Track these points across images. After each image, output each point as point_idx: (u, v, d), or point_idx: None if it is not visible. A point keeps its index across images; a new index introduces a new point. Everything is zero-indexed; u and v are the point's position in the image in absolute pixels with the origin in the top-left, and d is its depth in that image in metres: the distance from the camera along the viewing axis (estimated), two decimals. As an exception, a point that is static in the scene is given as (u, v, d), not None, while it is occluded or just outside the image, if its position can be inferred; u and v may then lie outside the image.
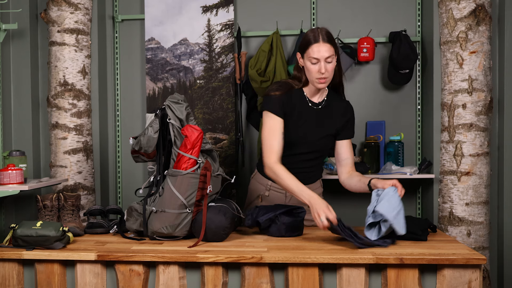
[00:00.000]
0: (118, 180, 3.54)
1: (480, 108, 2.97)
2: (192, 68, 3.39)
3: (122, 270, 1.88)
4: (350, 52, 3.25)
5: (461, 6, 2.95)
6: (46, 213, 2.32)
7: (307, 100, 2.30)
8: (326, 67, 2.15)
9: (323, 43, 2.14)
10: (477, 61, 2.96)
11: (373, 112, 3.41)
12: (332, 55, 2.15)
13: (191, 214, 2.06)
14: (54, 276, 1.91)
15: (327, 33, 2.17)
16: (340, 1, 3.41)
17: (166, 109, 2.15)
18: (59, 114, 3.17)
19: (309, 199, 2.07)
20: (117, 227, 2.24)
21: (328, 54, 2.14)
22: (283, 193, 2.41)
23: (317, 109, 2.31)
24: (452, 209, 3.01)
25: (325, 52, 2.14)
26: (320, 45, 2.14)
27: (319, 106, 2.31)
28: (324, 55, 2.14)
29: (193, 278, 1.88)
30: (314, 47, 2.14)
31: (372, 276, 1.82)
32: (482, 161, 2.99)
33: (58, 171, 3.18)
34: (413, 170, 3.12)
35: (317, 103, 2.31)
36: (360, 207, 3.40)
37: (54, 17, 3.14)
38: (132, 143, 2.18)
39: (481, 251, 3.00)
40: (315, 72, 2.17)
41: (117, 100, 3.52)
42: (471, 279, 1.78)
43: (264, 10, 3.43)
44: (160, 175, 2.16)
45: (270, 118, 2.24)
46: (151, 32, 3.41)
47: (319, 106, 2.31)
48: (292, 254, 1.82)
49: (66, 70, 3.16)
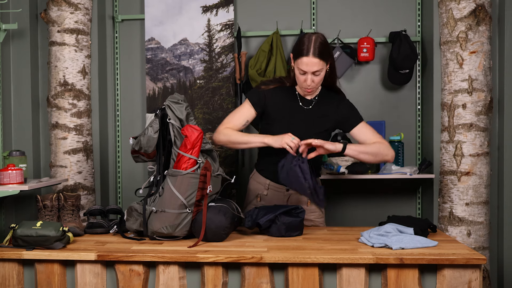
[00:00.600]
0: (118, 180, 3.54)
1: (480, 108, 2.97)
2: (192, 68, 3.39)
3: (122, 270, 1.88)
4: (350, 52, 3.25)
5: (461, 6, 2.95)
6: (46, 213, 2.32)
7: (298, 99, 2.33)
8: (313, 79, 2.20)
9: (313, 57, 2.15)
10: (477, 61, 2.96)
11: (373, 112, 3.40)
12: (320, 69, 2.18)
13: (191, 214, 2.06)
14: (54, 276, 1.91)
15: (320, 45, 2.17)
16: (340, 1, 3.41)
17: (166, 109, 2.15)
18: (59, 114, 3.17)
19: (263, 139, 2.18)
20: (117, 227, 2.24)
21: (317, 68, 2.17)
22: (281, 191, 2.42)
23: (307, 108, 2.33)
24: (452, 209, 3.01)
25: (313, 66, 2.17)
26: (310, 59, 2.16)
27: (309, 106, 2.33)
28: (312, 69, 2.17)
29: (193, 278, 1.88)
30: (304, 59, 2.17)
31: (372, 276, 1.82)
32: (482, 161, 2.99)
33: (58, 171, 3.18)
34: (413, 170, 3.12)
35: (308, 100, 2.34)
36: (360, 207, 3.41)
37: (54, 17, 3.14)
38: (132, 143, 2.18)
39: (481, 251, 3.00)
40: (302, 82, 2.23)
41: (117, 100, 3.52)
42: (471, 279, 1.78)
43: (264, 10, 3.43)
44: (160, 175, 2.16)
45: (244, 104, 2.33)
46: (151, 32, 3.41)
47: (309, 106, 2.33)
48: (292, 254, 1.82)
49: (66, 70, 3.16)
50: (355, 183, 3.37)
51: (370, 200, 3.43)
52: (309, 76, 2.19)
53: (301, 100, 2.33)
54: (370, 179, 3.35)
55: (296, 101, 2.33)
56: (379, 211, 3.37)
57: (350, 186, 3.40)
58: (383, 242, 1.91)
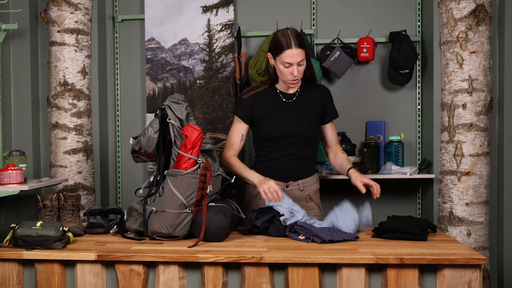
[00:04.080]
0: (118, 180, 3.54)
1: (480, 108, 2.97)
2: (192, 68, 3.39)
3: (122, 270, 1.88)
4: (350, 52, 3.25)
5: (461, 6, 2.95)
6: (46, 213, 2.32)
7: (281, 96, 2.43)
8: (298, 69, 2.31)
9: (295, 48, 2.27)
10: (477, 61, 2.96)
11: (373, 112, 3.40)
12: (303, 58, 2.31)
13: (191, 214, 2.06)
14: (54, 276, 1.91)
15: (297, 36, 2.30)
16: (340, 1, 3.41)
17: (166, 109, 2.15)
18: (59, 114, 3.17)
19: (256, 179, 2.30)
20: (117, 227, 2.24)
21: (301, 58, 2.29)
22: (281, 187, 2.44)
23: (292, 101, 2.43)
24: (452, 209, 3.01)
25: (298, 57, 2.28)
26: (293, 50, 2.27)
27: (293, 98, 2.43)
28: (297, 59, 2.29)
29: (193, 278, 1.88)
30: (288, 52, 2.27)
31: (372, 276, 1.82)
32: (482, 161, 2.99)
33: (58, 171, 3.18)
34: (413, 170, 3.12)
35: (291, 94, 2.44)
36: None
37: (54, 17, 3.14)
38: (132, 143, 2.18)
39: (481, 251, 3.00)
40: (288, 75, 2.32)
41: (117, 100, 3.52)
42: (471, 279, 1.78)
43: (264, 10, 3.43)
44: (160, 175, 2.16)
45: (236, 122, 2.47)
46: (151, 32, 3.41)
47: (293, 98, 2.43)
48: (292, 254, 1.82)
49: (66, 70, 3.16)
50: (355, 183, 3.37)
51: (370, 200, 3.43)
52: (295, 67, 2.29)
53: (283, 96, 2.44)
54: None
55: (279, 98, 2.44)
56: (379, 211, 3.36)
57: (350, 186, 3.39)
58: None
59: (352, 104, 3.41)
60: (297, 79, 2.33)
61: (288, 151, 2.42)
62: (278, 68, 2.34)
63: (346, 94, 3.42)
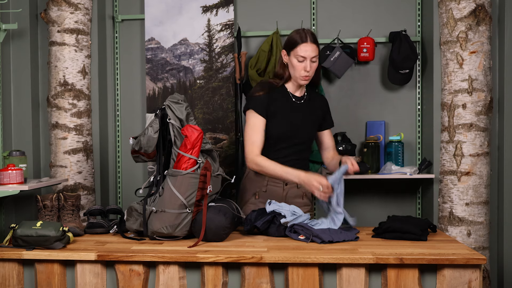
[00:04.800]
0: (118, 180, 3.54)
1: (480, 108, 2.97)
2: (192, 68, 3.39)
3: (122, 270, 1.88)
4: (350, 52, 3.25)
5: (461, 6, 2.95)
6: (46, 213, 2.32)
7: (291, 96, 2.46)
8: (311, 66, 2.35)
9: (310, 43, 2.33)
10: (477, 61, 2.96)
11: (373, 112, 3.40)
12: (316, 55, 2.36)
13: (191, 214, 2.06)
14: (54, 276, 1.91)
15: (313, 34, 2.37)
16: (340, 1, 3.41)
17: (166, 109, 2.15)
18: (59, 114, 3.17)
19: (297, 177, 2.23)
20: (117, 227, 2.24)
21: (314, 53, 2.34)
22: (280, 186, 2.46)
23: (300, 103, 2.46)
24: (452, 209, 3.01)
25: (312, 52, 2.33)
26: (308, 44, 2.32)
27: (301, 100, 2.47)
28: (310, 54, 2.33)
29: (193, 278, 1.88)
30: (302, 46, 2.32)
31: (372, 276, 1.82)
32: (482, 161, 2.99)
33: (58, 171, 3.18)
34: (413, 170, 3.12)
35: (300, 97, 2.47)
36: (360, 207, 3.41)
37: (54, 17, 3.14)
38: (132, 143, 2.18)
39: (481, 251, 3.00)
40: (300, 70, 2.35)
41: (117, 100, 3.52)
42: (471, 279, 1.78)
43: (264, 10, 3.43)
44: (160, 175, 2.16)
45: (253, 116, 2.39)
46: (151, 32, 3.41)
47: (301, 100, 2.47)
48: (292, 254, 1.82)
49: (66, 70, 3.16)
50: (355, 183, 3.37)
51: (370, 200, 3.43)
52: (308, 62, 2.33)
53: (293, 97, 2.46)
54: (370, 179, 3.35)
55: (290, 98, 2.46)
56: (379, 211, 3.37)
57: (350, 186, 3.39)
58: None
59: (352, 104, 3.41)
60: (309, 75, 2.36)
61: (291, 150, 2.44)
62: (291, 63, 2.37)
63: (346, 94, 3.42)
